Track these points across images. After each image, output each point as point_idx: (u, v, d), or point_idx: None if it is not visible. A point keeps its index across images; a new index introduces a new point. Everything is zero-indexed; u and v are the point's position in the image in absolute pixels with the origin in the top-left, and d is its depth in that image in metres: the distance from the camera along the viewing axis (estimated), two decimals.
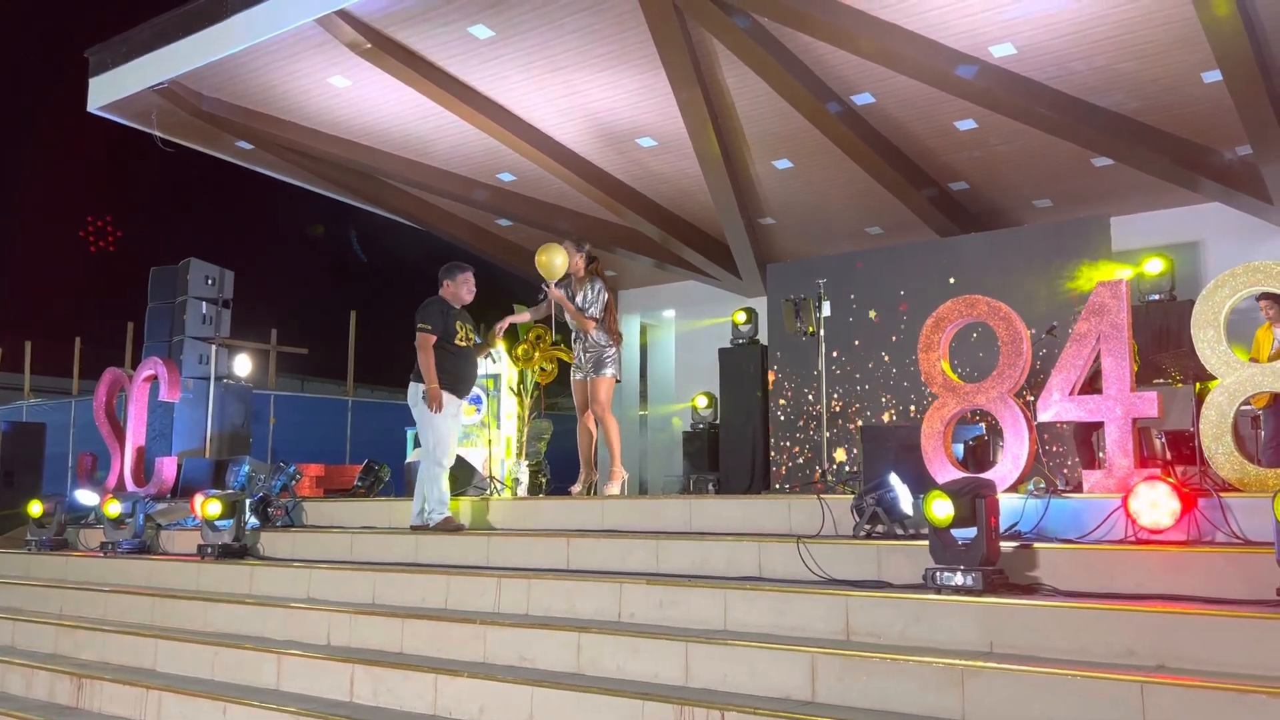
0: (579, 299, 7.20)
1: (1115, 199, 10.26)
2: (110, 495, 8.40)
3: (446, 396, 6.59)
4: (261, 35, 9.17)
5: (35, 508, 8.68)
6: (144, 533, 7.98)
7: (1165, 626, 3.67)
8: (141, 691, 5.68)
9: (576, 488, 7.26)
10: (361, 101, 10.24)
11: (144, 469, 9.14)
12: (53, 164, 23.78)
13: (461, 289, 6.78)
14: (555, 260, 7.11)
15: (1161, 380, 7.77)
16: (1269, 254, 7.58)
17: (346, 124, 10.81)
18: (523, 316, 7.54)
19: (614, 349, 7.23)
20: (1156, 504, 4.27)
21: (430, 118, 10.35)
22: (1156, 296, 9.21)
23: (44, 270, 24.61)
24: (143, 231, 23.80)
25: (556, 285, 7.20)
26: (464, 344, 6.73)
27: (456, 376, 6.71)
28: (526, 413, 8.51)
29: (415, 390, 6.63)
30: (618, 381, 7.34)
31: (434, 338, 6.63)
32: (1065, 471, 7.32)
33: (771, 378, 9.57)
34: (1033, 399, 5.22)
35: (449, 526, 6.48)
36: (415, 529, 6.56)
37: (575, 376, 7.38)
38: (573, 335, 7.36)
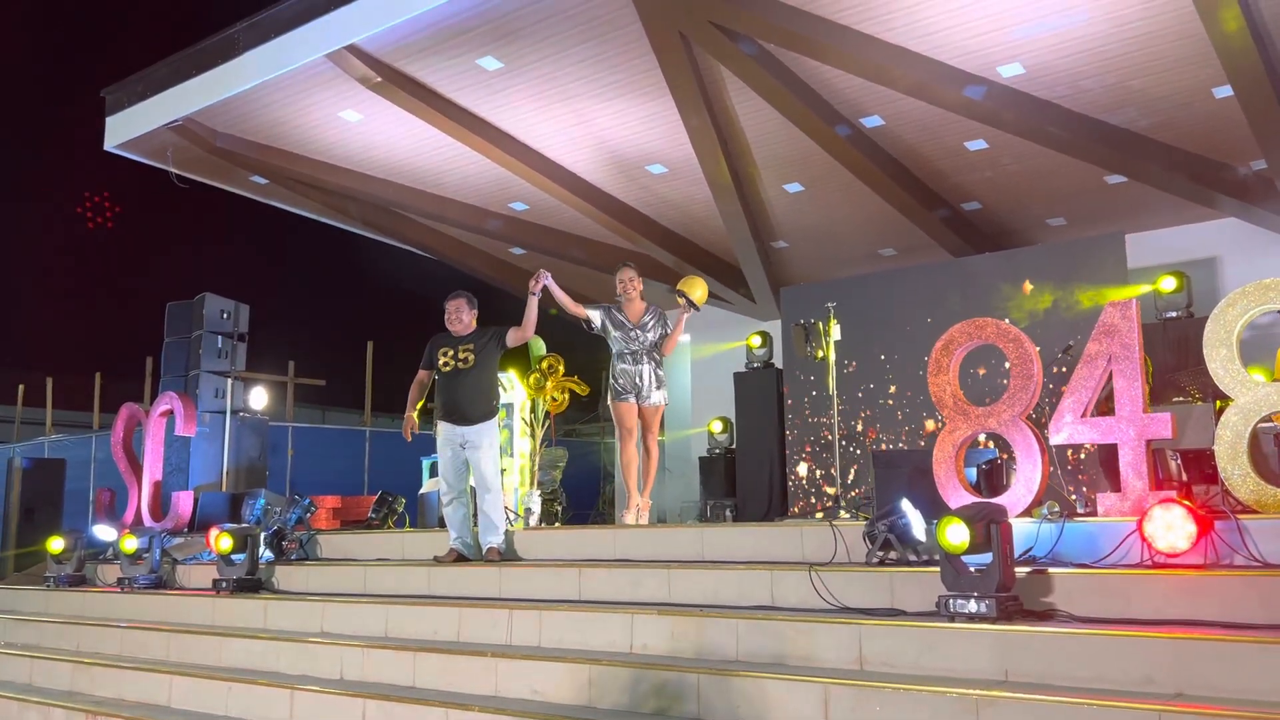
0: (655, 330, 7.17)
1: (1130, 216, 10.19)
2: (127, 530, 8.43)
3: (440, 425, 6.61)
4: (273, 72, 9.28)
5: (55, 544, 8.72)
6: (160, 568, 8.00)
7: (1183, 653, 3.60)
8: None
9: (630, 517, 6.98)
10: (373, 135, 10.33)
11: (160, 504, 9.18)
12: (72, 201, 24.12)
13: (445, 317, 6.78)
14: (695, 293, 7.27)
15: (1181, 398, 7.69)
16: None
17: (359, 157, 10.90)
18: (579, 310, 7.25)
19: (665, 373, 7.25)
20: (1172, 527, 4.19)
21: (441, 149, 10.43)
22: (1173, 314, 9.12)
23: (65, 305, 24.90)
24: (162, 266, 24.05)
25: (608, 309, 7.21)
26: (446, 369, 6.66)
27: (440, 402, 6.73)
28: (538, 443, 8.50)
29: (478, 427, 6.60)
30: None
31: (422, 373, 6.83)
32: (1084, 491, 7.23)
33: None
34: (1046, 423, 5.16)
35: (491, 555, 6.47)
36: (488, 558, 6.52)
37: (628, 400, 7.06)
38: (619, 359, 7.12)
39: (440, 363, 6.68)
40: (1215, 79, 8.02)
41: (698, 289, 7.35)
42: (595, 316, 7.20)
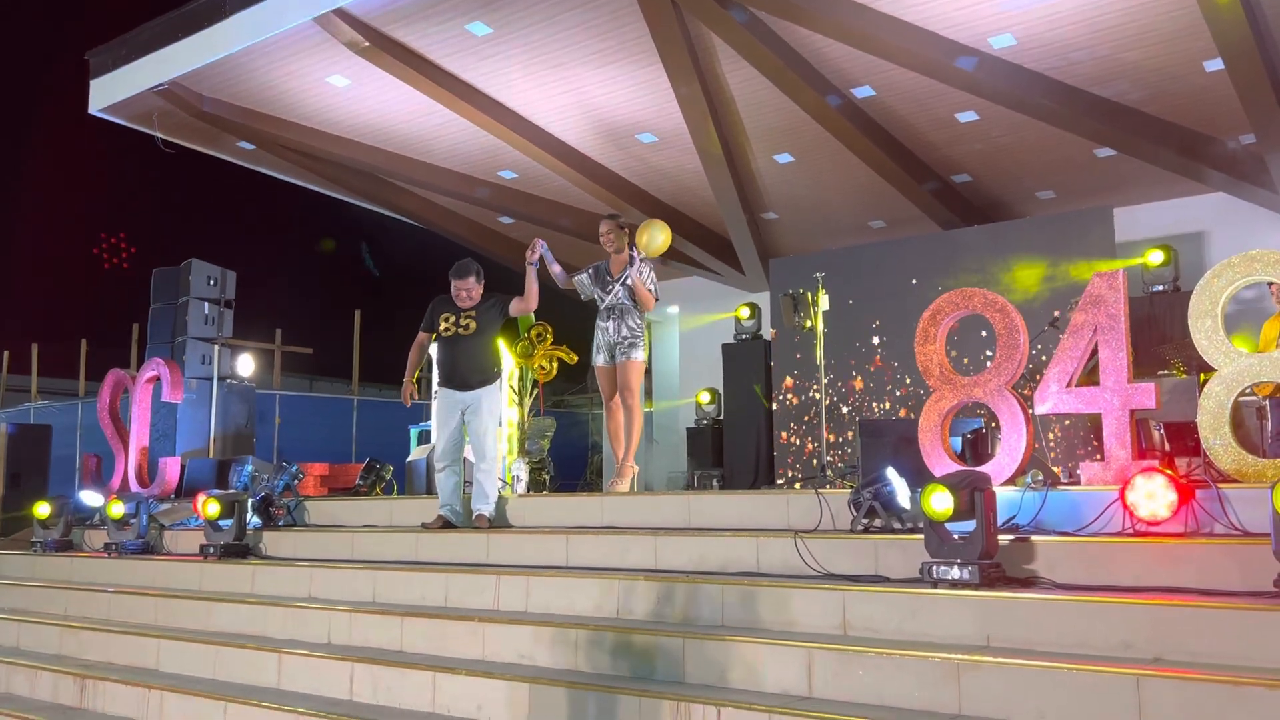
0: (631, 279, 6.74)
1: (1118, 190, 10.21)
2: (114, 496, 8.42)
3: (438, 391, 6.59)
4: (260, 35, 9.19)
5: (42, 509, 8.71)
6: (148, 533, 8.00)
7: (1162, 619, 3.65)
8: (144, 691, 5.70)
9: (623, 485, 6.80)
10: (361, 100, 10.25)
11: (148, 470, 9.16)
12: (56, 167, 23.88)
13: (452, 293, 6.70)
14: (657, 239, 6.72)
15: (1165, 371, 7.74)
16: (1274, 243, 7.52)
17: (346, 123, 10.82)
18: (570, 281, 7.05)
19: (644, 330, 6.88)
20: (1154, 495, 4.24)
21: (430, 115, 10.36)
22: (1160, 288, 9.18)
23: (51, 273, 24.72)
24: (147, 233, 23.88)
25: (595, 267, 6.92)
26: (447, 334, 6.62)
27: (439, 369, 6.71)
28: (526, 411, 8.50)
29: (478, 392, 6.56)
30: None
31: (422, 335, 6.79)
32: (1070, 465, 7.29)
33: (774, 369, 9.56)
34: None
35: (480, 523, 6.45)
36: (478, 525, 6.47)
37: (601, 362, 6.88)
38: (600, 316, 6.91)
39: (441, 327, 6.63)
40: (1206, 52, 8.02)
41: (644, 234, 6.78)
42: (583, 280, 6.98)
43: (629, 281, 6.76)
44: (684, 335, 14.02)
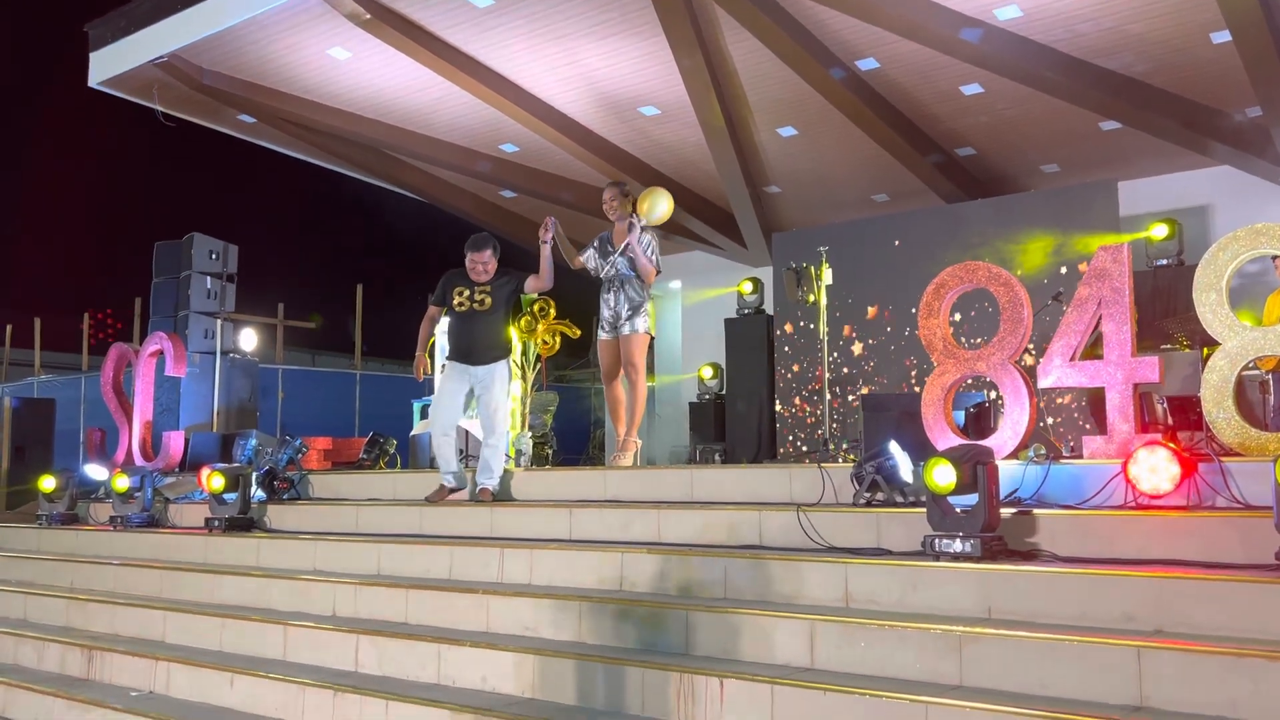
0: (631, 247, 6.65)
1: (1123, 163, 10.16)
2: (119, 470, 8.45)
3: (447, 364, 6.60)
4: (260, 7, 9.13)
5: (47, 482, 8.75)
6: (152, 506, 8.04)
7: (1164, 591, 3.67)
8: (151, 663, 5.75)
9: (626, 459, 6.76)
10: (362, 73, 10.19)
11: (152, 444, 9.19)
12: (58, 140, 23.81)
13: (467, 266, 6.65)
14: (660, 206, 6.61)
15: (1169, 345, 7.73)
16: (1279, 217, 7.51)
17: (347, 96, 10.77)
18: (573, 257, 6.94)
19: (648, 302, 6.76)
20: (1156, 469, 4.25)
21: (431, 88, 10.30)
22: (1164, 261, 9.14)
23: (52, 247, 24.69)
24: (149, 206, 23.83)
25: (602, 239, 6.82)
26: (461, 309, 6.57)
27: (451, 343, 6.68)
28: (529, 385, 8.51)
29: (491, 367, 6.53)
30: (651, 338, 6.88)
31: (433, 309, 6.74)
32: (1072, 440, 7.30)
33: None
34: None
35: (483, 496, 6.43)
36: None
37: (603, 335, 6.84)
38: (602, 288, 6.84)
39: (455, 301, 6.57)
40: (1213, 24, 7.95)
41: (646, 201, 6.69)
42: (590, 254, 6.89)
43: (630, 250, 6.69)
44: (686, 310, 14.00)
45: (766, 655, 4.16)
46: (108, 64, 10.60)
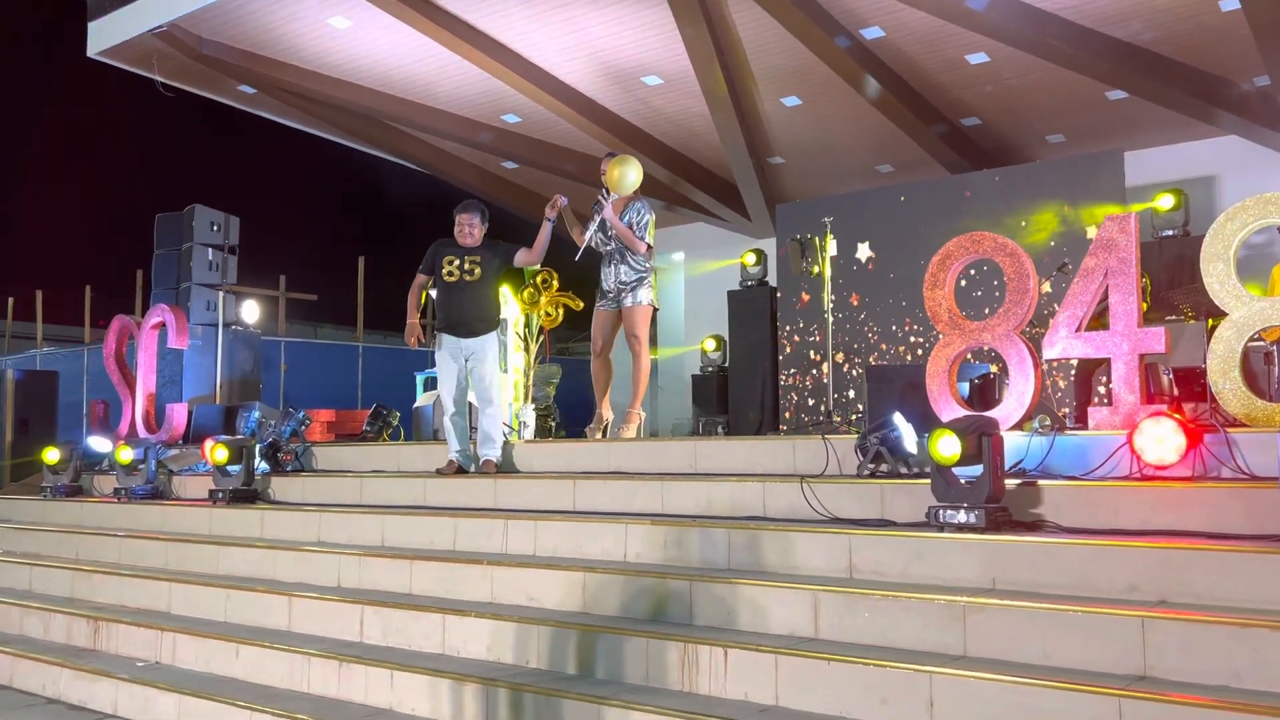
0: (625, 219, 6.57)
1: (1129, 133, 10.09)
2: (123, 442, 8.47)
3: (439, 337, 6.57)
4: None
5: (51, 454, 8.76)
6: (156, 478, 8.05)
7: (1168, 562, 3.66)
8: (156, 634, 5.77)
9: (598, 428, 6.87)
10: (362, 43, 10.11)
11: (155, 416, 9.19)
12: (58, 111, 23.68)
13: (454, 229, 6.63)
14: (629, 175, 6.46)
15: (1174, 317, 7.69)
16: None
17: (348, 66, 10.69)
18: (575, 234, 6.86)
19: (650, 273, 6.71)
20: (1162, 440, 4.23)
21: (432, 58, 10.22)
22: (1170, 232, 9.07)
23: (52, 219, 24.61)
24: (149, 178, 23.72)
25: (593, 214, 6.69)
26: (450, 278, 6.53)
27: (440, 314, 6.66)
28: (533, 357, 8.50)
29: (482, 339, 6.52)
30: (655, 309, 6.82)
31: (421, 277, 6.70)
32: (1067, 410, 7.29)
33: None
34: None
35: (487, 468, 6.45)
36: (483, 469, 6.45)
37: (602, 306, 6.76)
38: (604, 260, 6.76)
39: (444, 271, 6.54)
40: None
41: (615, 170, 6.51)
42: (590, 228, 6.77)
43: (609, 227, 6.57)
44: (689, 281, 13.97)
45: (771, 626, 4.17)
46: (106, 34, 10.52)
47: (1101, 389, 6.93)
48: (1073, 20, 8.59)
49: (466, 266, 6.51)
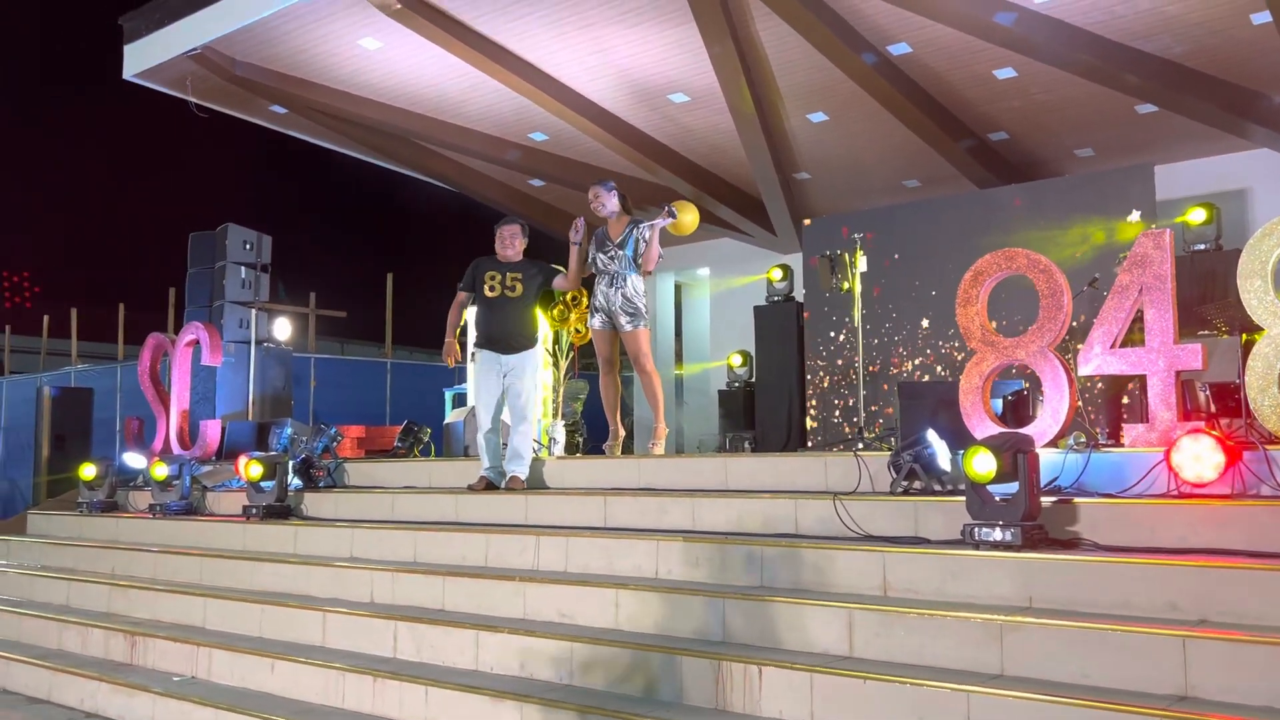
0: (630, 244, 6.66)
1: (1160, 147, 10.03)
2: (157, 458, 8.57)
3: (477, 353, 6.62)
4: None
5: (87, 471, 8.88)
6: (191, 494, 8.14)
7: (1208, 580, 3.64)
8: (193, 649, 5.83)
9: (616, 445, 6.94)
10: (392, 63, 10.22)
11: (189, 432, 9.30)
12: (94, 134, 24.06)
13: (496, 243, 6.69)
14: (688, 217, 6.72)
15: (1207, 332, 7.63)
16: None
17: (378, 86, 10.80)
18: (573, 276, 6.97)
19: (644, 296, 6.81)
20: (1200, 457, 4.20)
21: (461, 78, 10.32)
22: (1202, 246, 8.98)
23: (89, 237, 24.97)
24: (184, 196, 24.03)
25: (599, 233, 6.80)
26: (492, 294, 6.57)
27: (480, 330, 6.70)
28: (562, 374, 8.53)
29: (521, 355, 6.56)
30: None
31: (461, 294, 6.76)
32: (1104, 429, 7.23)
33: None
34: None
35: (514, 485, 6.47)
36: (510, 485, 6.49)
37: (597, 324, 6.82)
38: (598, 280, 6.83)
39: (485, 287, 6.58)
40: (1252, 4, 7.83)
41: (689, 212, 6.88)
42: (591, 252, 6.82)
43: (646, 236, 6.64)
44: (715, 297, 13.97)
45: (804, 644, 4.17)
46: (142, 56, 10.69)
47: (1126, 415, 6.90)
48: (1101, 35, 8.56)
49: (508, 283, 6.56)
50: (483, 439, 6.61)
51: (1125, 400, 7.36)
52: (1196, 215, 9.03)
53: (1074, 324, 5.97)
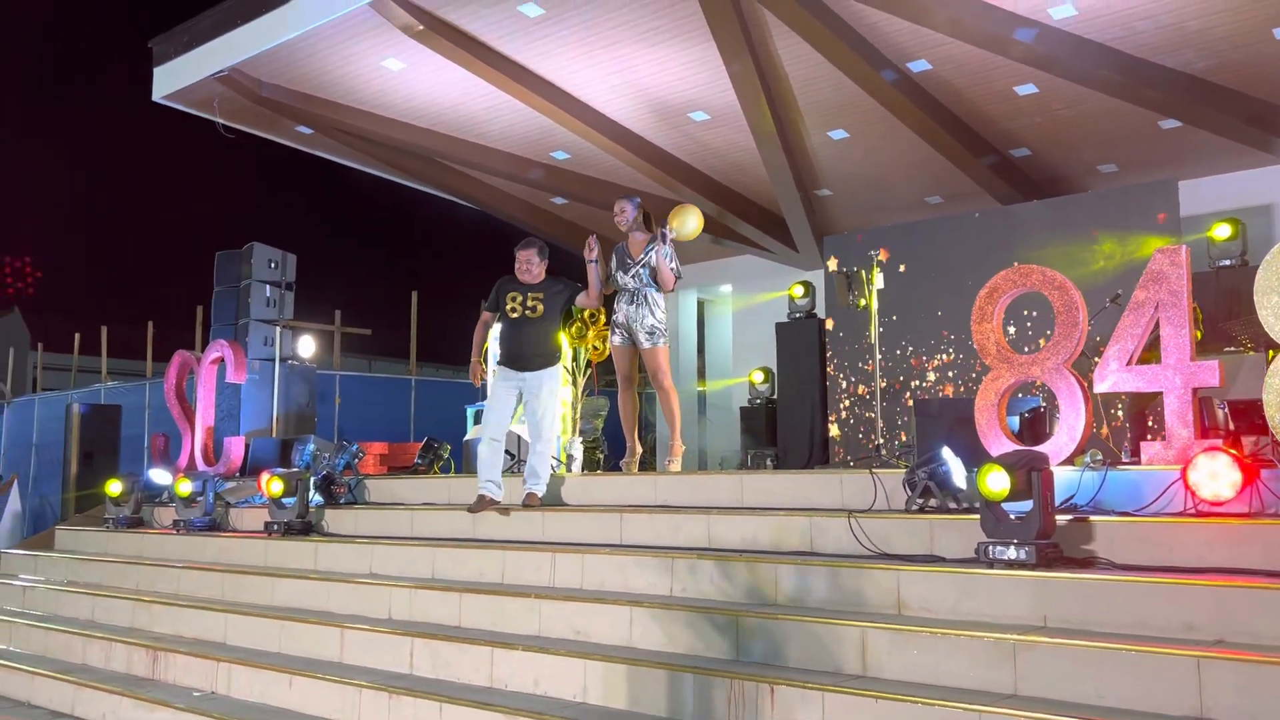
0: (654, 259, 6.69)
1: (1183, 162, 9.96)
2: (182, 474, 8.66)
3: (498, 369, 6.66)
4: (316, 20, 9.31)
5: (114, 487, 9.01)
6: (214, 510, 8.23)
7: (1225, 600, 3.60)
8: (213, 664, 5.89)
9: (633, 462, 6.99)
10: (416, 83, 10.34)
11: (214, 449, 9.40)
12: (123, 153, 24.46)
13: (515, 266, 6.74)
14: (689, 223, 6.70)
15: (1232, 348, 7.55)
16: None
17: (402, 106, 10.93)
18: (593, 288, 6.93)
19: (664, 313, 6.83)
20: (1217, 475, 4.16)
21: (483, 98, 10.42)
22: (1226, 262, 8.91)
23: (119, 256, 25.34)
24: (212, 216, 24.36)
25: (618, 248, 6.84)
26: (513, 314, 6.63)
27: (503, 349, 6.75)
28: (581, 391, 8.56)
29: (540, 373, 6.59)
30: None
31: (486, 314, 6.81)
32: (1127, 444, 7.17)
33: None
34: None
35: (531, 502, 6.45)
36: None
37: (617, 341, 6.88)
38: (619, 297, 6.87)
39: (507, 308, 6.64)
40: (1275, 19, 7.78)
41: (677, 218, 6.77)
42: (611, 269, 6.87)
43: (651, 260, 6.69)
44: (737, 314, 13.98)
45: (817, 662, 4.15)
46: (171, 79, 10.88)
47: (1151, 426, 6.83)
48: (1123, 50, 8.53)
49: (529, 304, 6.61)
50: (484, 448, 6.52)
51: (1150, 421, 7.29)
52: (1221, 231, 8.96)
53: (1096, 339, 5.94)
